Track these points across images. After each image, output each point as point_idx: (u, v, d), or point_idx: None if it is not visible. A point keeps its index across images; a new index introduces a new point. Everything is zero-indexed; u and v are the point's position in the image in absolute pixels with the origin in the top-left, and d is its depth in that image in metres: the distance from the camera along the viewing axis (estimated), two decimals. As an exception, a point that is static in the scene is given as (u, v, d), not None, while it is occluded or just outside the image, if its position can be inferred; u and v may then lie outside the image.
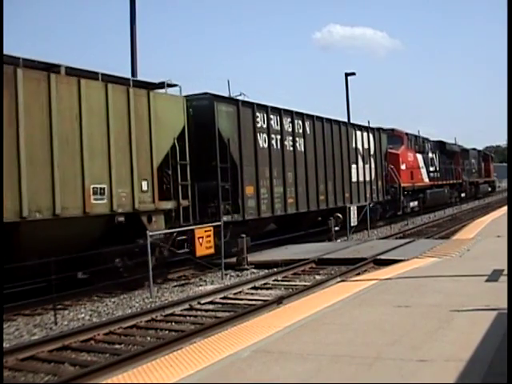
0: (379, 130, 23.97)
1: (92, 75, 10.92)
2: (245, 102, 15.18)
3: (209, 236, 12.59)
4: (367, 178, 22.11)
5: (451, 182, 35.25)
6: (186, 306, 9.70)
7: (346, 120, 24.50)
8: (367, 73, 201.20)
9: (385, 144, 24.35)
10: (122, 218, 11.08)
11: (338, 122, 20.27)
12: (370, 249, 14.91)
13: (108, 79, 11.15)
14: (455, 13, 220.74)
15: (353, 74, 32.45)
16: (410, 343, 5.35)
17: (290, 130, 17.05)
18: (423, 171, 29.71)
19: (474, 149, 47.28)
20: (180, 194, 12.44)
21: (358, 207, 20.63)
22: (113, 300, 10.74)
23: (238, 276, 12.98)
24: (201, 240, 12.36)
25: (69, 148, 10.09)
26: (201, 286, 11.96)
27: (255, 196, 15.08)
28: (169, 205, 12.24)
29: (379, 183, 23.37)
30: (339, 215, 19.86)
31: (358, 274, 11.63)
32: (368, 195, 22.12)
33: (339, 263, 13.43)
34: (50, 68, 10.22)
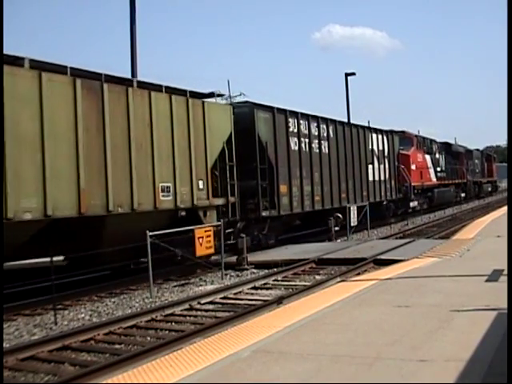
0: (392, 132, 25.72)
1: (157, 88, 12.55)
2: (279, 109, 16.76)
3: (209, 236, 12.60)
4: (382, 178, 23.81)
5: (456, 181, 36.87)
6: (186, 305, 9.70)
7: (345, 120, 25.35)
8: (367, 73, 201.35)
9: (397, 146, 26.18)
10: (183, 213, 12.78)
11: (356, 126, 22.12)
12: (370, 249, 14.91)
13: (170, 91, 12.77)
14: (455, 13, 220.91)
15: (353, 74, 32.43)
16: (409, 343, 5.35)
17: (316, 133, 18.79)
18: (431, 171, 31.32)
19: (478, 149, 49.20)
20: (229, 191, 14.14)
21: (357, 207, 20.68)
22: (113, 300, 10.74)
23: (237, 276, 12.98)
24: (201, 240, 12.37)
25: (142, 152, 11.68)
26: (201, 286, 11.96)
27: (288, 194, 16.76)
28: (220, 201, 14.02)
29: (392, 182, 25.10)
30: (339, 215, 19.92)
31: (358, 274, 11.63)
32: (383, 193, 23.95)
33: (339, 263, 13.43)
34: (124, 82, 11.92)
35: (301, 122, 17.86)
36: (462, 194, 39.22)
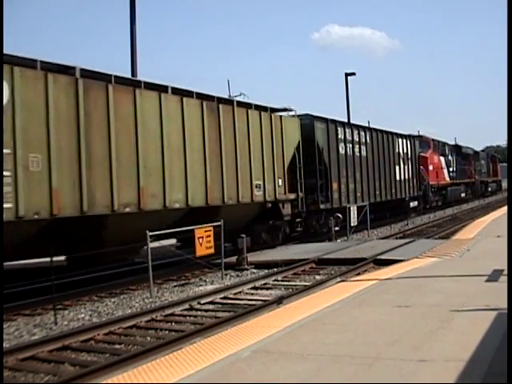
0: (413, 137, 29.28)
1: (249, 105, 15.70)
2: (331, 120, 20.08)
3: (209, 236, 12.60)
4: (406, 177, 27.03)
5: (466, 180, 40.29)
6: (186, 305, 9.70)
7: (346, 119, 26.43)
8: (366, 73, 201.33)
9: (417, 149, 29.44)
10: (269, 205, 16.05)
11: (386, 132, 25.15)
12: (370, 249, 14.91)
13: (258, 107, 16.00)
14: (454, 12, 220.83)
15: (353, 74, 32.42)
16: (409, 343, 5.35)
17: (357, 139, 22.02)
18: (445, 171, 34.71)
19: (483, 151, 54.14)
20: (299, 188, 17.33)
21: (357, 207, 20.72)
22: (113, 300, 10.74)
23: (237, 276, 12.98)
24: (201, 240, 12.38)
25: (243, 157, 14.89)
26: (201, 286, 11.96)
27: (338, 190, 20.00)
28: (292, 196, 17.10)
29: (414, 181, 28.37)
30: (339, 215, 19.97)
31: (358, 274, 11.62)
32: (407, 191, 27.15)
33: (339, 263, 13.43)
34: (228, 102, 14.92)
35: (346, 130, 21.10)
36: (462, 194, 40.74)
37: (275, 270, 13.04)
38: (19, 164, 9.40)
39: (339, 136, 20.44)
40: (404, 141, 27.17)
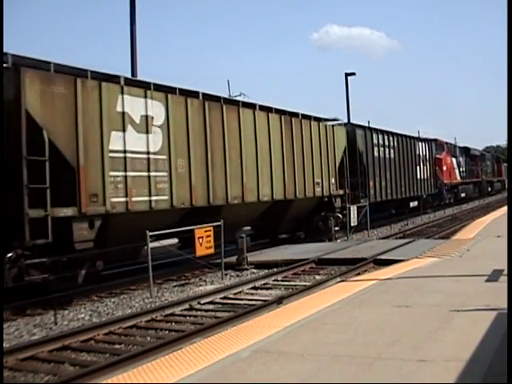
0: (430, 140, 32.99)
1: (308, 116, 18.55)
2: (368, 127, 23.67)
3: (209, 236, 12.61)
4: (424, 176, 30.32)
5: (474, 180, 43.93)
6: (186, 306, 9.70)
7: (346, 120, 27.60)
8: (366, 73, 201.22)
9: (434, 151, 32.99)
10: (326, 199, 19.22)
11: (409, 137, 28.63)
12: (370, 249, 14.91)
13: (315, 118, 18.99)
14: (454, 12, 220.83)
15: (353, 74, 32.48)
16: (410, 343, 5.35)
17: (387, 143, 25.27)
18: (456, 171, 38.14)
19: (488, 152, 58.67)
20: (345, 185, 20.23)
21: (357, 207, 20.75)
22: (113, 300, 10.74)
23: (238, 276, 12.98)
24: (201, 240, 12.38)
25: (309, 160, 18.05)
26: (201, 286, 11.96)
27: (374, 187, 23.25)
28: (341, 192, 20.08)
29: (431, 180, 31.77)
30: (339, 215, 20.01)
31: (358, 274, 11.62)
32: (426, 188, 30.53)
33: (339, 263, 13.43)
34: (294, 114, 17.80)
35: (379, 135, 24.51)
36: (460, 194, 42.86)
37: (275, 270, 13.04)
38: (172, 167, 12.45)
39: (374, 141, 23.82)
40: (423, 144, 30.80)
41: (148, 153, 11.84)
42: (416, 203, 29.44)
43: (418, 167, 28.97)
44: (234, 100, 16.38)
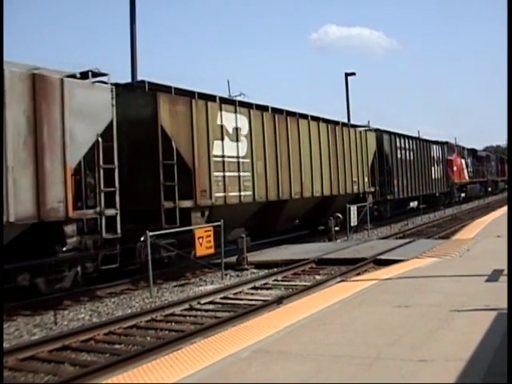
0: (442, 143, 35.96)
1: (345, 124, 22.95)
2: (392, 133, 26.74)
3: (209, 236, 12.61)
4: (438, 176, 33.44)
5: (480, 179, 47.20)
6: (186, 305, 9.70)
7: (346, 119, 28.64)
8: (365, 73, 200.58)
9: (446, 153, 36.11)
10: (361, 195, 22.42)
11: (425, 140, 32.50)
12: (370, 249, 14.91)
13: (352, 125, 23.83)
14: (453, 12, 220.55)
15: (353, 74, 32.47)
16: (410, 343, 5.35)
17: (408, 147, 28.39)
18: (465, 172, 41.29)
19: (493, 153, 62.04)
20: (375, 183, 24.01)
21: (357, 207, 20.76)
22: (113, 300, 10.74)
23: (237, 276, 12.98)
24: (201, 240, 12.38)
25: (349, 163, 21.25)
26: (201, 286, 11.96)
27: (397, 185, 26.31)
28: (372, 189, 23.61)
29: (444, 180, 34.96)
30: (339, 215, 20.04)
31: (358, 274, 11.62)
32: (439, 187, 33.81)
33: (339, 263, 13.43)
34: (341, 124, 21.72)
35: (401, 140, 27.62)
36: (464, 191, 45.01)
37: (275, 270, 13.03)
38: (254, 169, 15.56)
39: (397, 144, 26.94)
40: (437, 147, 34.14)
41: (238, 157, 15.01)
42: (416, 203, 29.73)
43: (432, 168, 32.24)
44: (293, 112, 18.50)
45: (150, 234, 10.98)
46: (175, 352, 5.82)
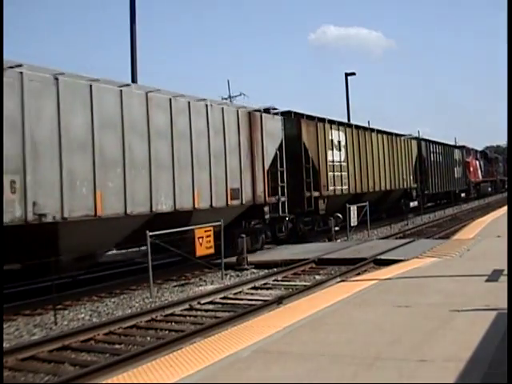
0: (461, 147, 42.62)
1: (379, 131, 25.71)
2: (427, 140, 33.05)
3: (209, 236, 12.60)
4: (459, 176, 39.42)
5: (490, 179, 52.99)
6: (186, 305, 9.70)
7: (346, 119, 29.25)
8: (364, 72, 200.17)
9: (464, 156, 42.03)
10: (408, 190, 27.97)
11: (449, 145, 39.18)
12: (370, 249, 14.91)
13: (394, 134, 27.77)
14: (452, 11, 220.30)
15: (353, 73, 32.51)
16: (410, 343, 5.35)
17: (437, 151, 34.28)
18: (479, 172, 47.21)
19: (501, 154, 66.03)
20: (417, 180, 29.56)
21: (357, 207, 20.75)
22: (113, 300, 10.74)
23: (237, 276, 12.98)
24: (201, 240, 12.37)
25: (397, 165, 26.09)
26: (201, 286, 11.96)
27: (431, 182, 31.96)
28: (415, 185, 29.01)
29: (463, 178, 40.95)
30: (339, 215, 20.04)
31: (358, 274, 11.63)
32: (459, 185, 39.55)
33: (339, 263, 13.42)
34: (371, 131, 25.02)
35: (433, 145, 33.56)
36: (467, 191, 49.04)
37: (275, 270, 13.03)
38: (349, 170, 21.44)
39: (430, 149, 32.64)
40: (457, 150, 40.56)
41: (340, 161, 20.82)
42: (416, 203, 29.91)
43: (455, 168, 38.28)
44: (364, 126, 24.45)
45: (150, 233, 10.97)
46: (175, 352, 5.82)
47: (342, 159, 20.96)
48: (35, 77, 9.72)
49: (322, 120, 20.25)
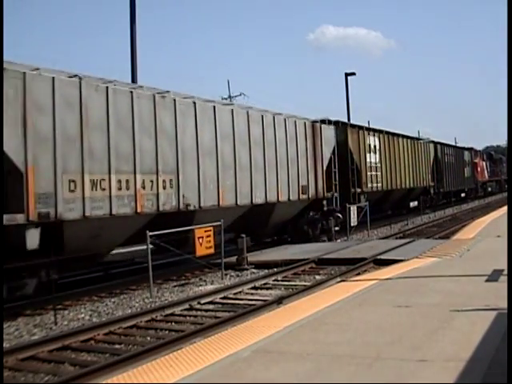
0: (470, 149, 45.76)
1: (407, 136, 29.94)
2: (440, 143, 36.33)
3: (209, 236, 12.60)
4: (468, 175, 43.03)
5: (496, 178, 56.60)
6: (186, 306, 9.70)
7: (345, 119, 28.72)
8: (363, 72, 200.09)
9: (472, 157, 45.35)
10: (426, 187, 31.63)
11: (459, 147, 43.76)
12: (370, 249, 14.91)
13: (416, 138, 32.62)
14: (452, 11, 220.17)
15: (353, 73, 32.50)
16: (410, 343, 5.35)
17: (450, 153, 38.03)
18: (485, 172, 50.71)
19: (504, 155, 67.69)
20: (435, 180, 33.42)
21: (357, 207, 20.76)
22: (113, 300, 10.74)
23: (237, 276, 12.98)
24: (201, 240, 12.37)
25: (419, 166, 30.15)
26: (201, 286, 11.96)
27: (445, 181, 35.53)
28: (433, 183, 33.07)
29: (471, 178, 44.30)
30: (339, 215, 20.03)
31: (358, 274, 11.62)
32: (468, 184, 42.95)
33: (339, 263, 13.42)
34: (398, 136, 28.46)
35: (447, 148, 37.67)
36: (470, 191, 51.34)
37: (275, 270, 13.03)
38: (382, 170, 24.61)
39: (444, 152, 36.27)
40: (467, 152, 44.01)
41: (375, 163, 24.19)
42: (416, 203, 30.37)
43: (464, 169, 41.90)
44: (392, 132, 27.14)
45: (150, 233, 10.96)
46: (175, 352, 5.82)
47: (377, 161, 24.41)
48: (182, 101, 13.04)
49: (361, 127, 23.79)
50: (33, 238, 9.39)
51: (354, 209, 20.37)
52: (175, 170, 12.53)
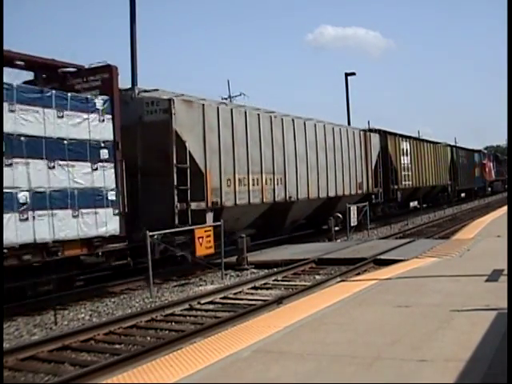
0: (479, 151, 50.56)
1: (427, 140, 35.86)
2: (457, 146, 42.34)
3: (209, 236, 12.61)
4: (477, 175, 47.31)
5: (501, 178, 60.02)
6: (186, 306, 9.71)
7: (344, 121, 31.99)
8: (362, 73, 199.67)
9: (481, 158, 49.82)
10: (446, 185, 37.13)
11: (471, 150, 47.22)
12: (370, 249, 14.92)
13: (435, 142, 36.94)
14: (451, 10, 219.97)
15: (353, 73, 32.47)
16: (410, 343, 5.35)
17: (463, 155, 42.18)
18: (493, 172, 55.31)
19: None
20: (452, 178, 38.33)
21: (357, 207, 20.76)
22: (113, 300, 10.74)
23: (238, 276, 12.98)
24: (201, 240, 12.38)
25: (440, 168, 35.14)
26: (201, 286, 11.96)
27: (459, 180, 39.98)
28: (450, 182, 37.93)
29: (480, 178, 48.69)
30: (339, 215, 20.06)
31: (358, 274, 11.63)
32: (478, 183, 47.24)
33: (339, 263, 13.42)
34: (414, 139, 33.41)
35: (460, 151, 42.08)
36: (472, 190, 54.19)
37: (275, 269, 13.03)
38: (412, 170, 29.36)
39: (459, 154, 40.83)
40: (476, 154, 48.17)
41: (407, 164, 28.46)
42: (416, 203, 31.06)
43: (475, 169, 46.13)
44: (415, 137, 32.19)
45: (150, 233, 10.97)
46: (175, 352, 5.82)
47: (408, 162, 28.70)
48: (286, 119, 17.48)
49: (396, 134, 28.22)
50: (210, 218, 13.52)
51: (353, 209, 20.37)
52: (283, 171, 16.88)
